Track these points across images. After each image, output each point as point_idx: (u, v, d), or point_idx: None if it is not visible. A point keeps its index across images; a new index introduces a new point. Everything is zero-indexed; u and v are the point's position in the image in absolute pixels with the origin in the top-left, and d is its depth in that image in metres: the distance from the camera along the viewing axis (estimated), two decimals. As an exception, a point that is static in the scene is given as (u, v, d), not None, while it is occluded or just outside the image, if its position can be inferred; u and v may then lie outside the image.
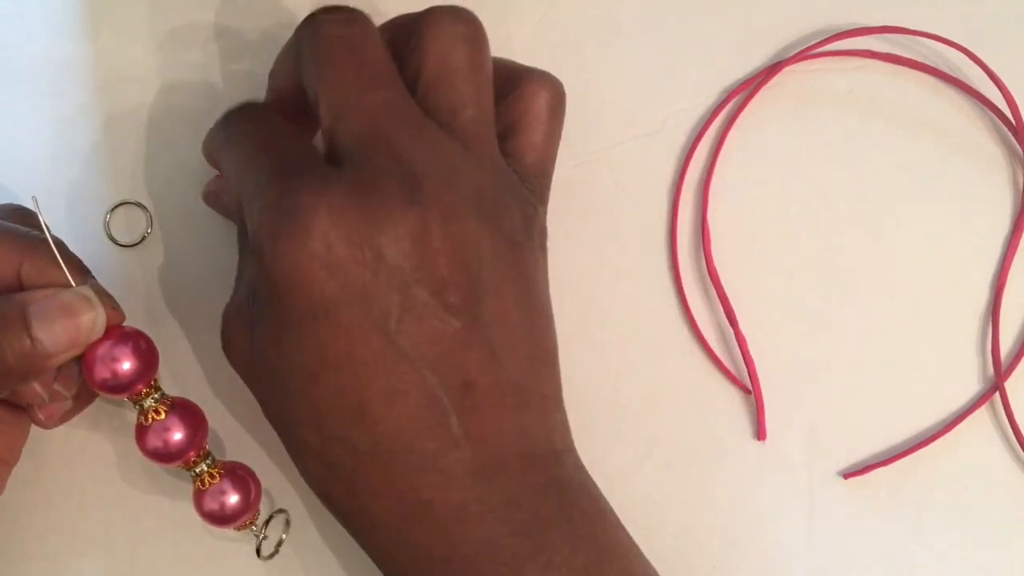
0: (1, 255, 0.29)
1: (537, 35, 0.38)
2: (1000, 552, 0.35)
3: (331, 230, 0.25)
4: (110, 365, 0.29)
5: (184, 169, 0.36)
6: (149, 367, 0.30)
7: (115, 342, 0.29)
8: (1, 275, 0.29)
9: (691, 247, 0.37)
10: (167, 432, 0.30)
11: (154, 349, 0.31)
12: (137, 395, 0.31)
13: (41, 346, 0.27)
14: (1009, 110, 0.37)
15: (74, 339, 0.28)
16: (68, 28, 0.37)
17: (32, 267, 0.29)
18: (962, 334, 0.37)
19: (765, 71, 0.38)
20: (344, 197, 0.25)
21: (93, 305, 0.28)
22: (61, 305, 0.28)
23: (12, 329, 0.27)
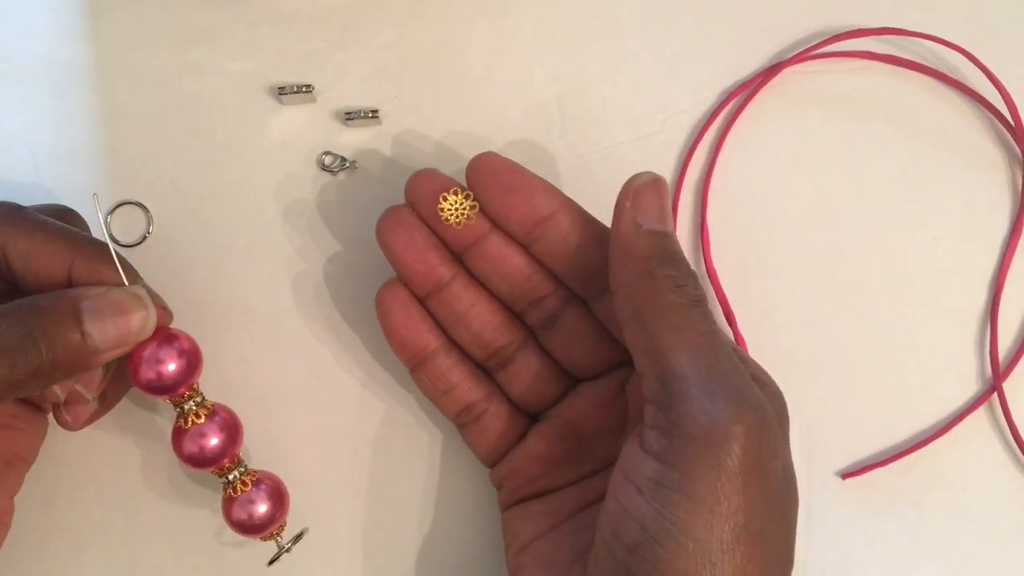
0: (52, 253, 0.29)
1: (538, 35, 0.38)
2: (998, 552, 0.35)
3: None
4: (155, 366, 0.29)
5: (184, 169, 0.36)
6: (193, 370, 0.30)
7: (161, 343, 0.30)
8: (52, 273, 0.29)
9: (691, 247, 0.37)
10: (203, 437, 0.31)
11: (198, 352, 0.31)
12: (179, 397, 0.31)
13: (91, 341, 0.27)
14: (1008, 111, 0.37)
15: (124, 337, 0.28)
16: (69, 29, 0.37)
17: (83, 265, 0.29)
18: (960, 335, 0.37)
19: (765, 72, 0.38)
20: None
21: (145, 304, 0.29)
22: (113, 302, 0.28)
23: (63, 323, 0.27)
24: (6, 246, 0.29)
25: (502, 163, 0.31)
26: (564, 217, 0.31)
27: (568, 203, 0.31)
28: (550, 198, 0.31)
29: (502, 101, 0.37)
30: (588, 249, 0.30)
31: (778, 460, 0.27)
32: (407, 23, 0.38)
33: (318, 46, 0.37)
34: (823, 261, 0.37)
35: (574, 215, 0.31)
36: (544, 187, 0.31)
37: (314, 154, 0.37)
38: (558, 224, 0.30)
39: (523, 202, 0.31)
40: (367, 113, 0.36)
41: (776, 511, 0.27)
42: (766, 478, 0.26)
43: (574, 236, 0.30)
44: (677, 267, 0.28)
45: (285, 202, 0.36)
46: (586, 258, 0.30)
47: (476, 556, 0.35)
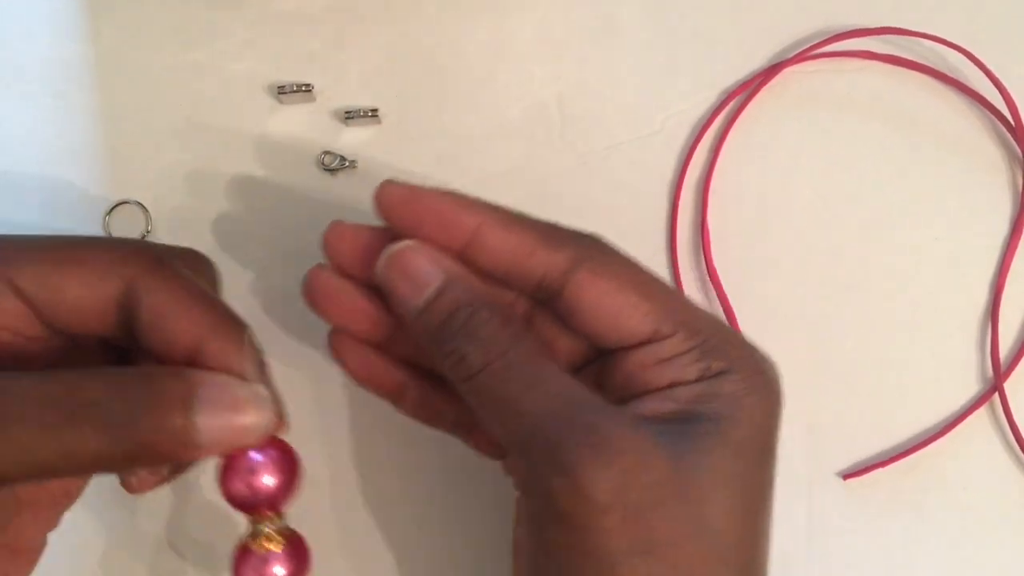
0: (187, 321, 0.26)
1: (538, 34, 0.38)
2: (999, 552, 0.35)
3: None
4: (248, 476, 0.26)
5: (184, 169, 0.36)
6: (289, 492, 0.27)
7: (264, 454, 0.26)
8: (178, 340, 0.26)
9: (691, 247, 0.37)
10: (268, 565, 0.27)
11: (301, 472, 0.27)
12: (261, 516, 0.27)
13: (195, 435, 0.24)
14: (1009, 111, 0.37)
15: (231, 440, 0.25)
16: (69, 28, 0.37)
17: (215, 346, 0.26)
18: (961, 335, 0.37)
19: (765, 72, 0.38)
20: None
21: (263, 409, 0.26)
22: (231, 399, 0.25)
23: (173, 408, 0.24)
24: (140, 298, 0.26)
25: (401, 194, 0.28)
26: (489, 231, 0.27)
27: (490, 213, 0.28)
28: (466, 215, 0.27)
29: (502, 101, 0.37)
30: (522, 256, 0.27)
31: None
32: (407, 23, 0.38)
33: (318, 46, 0.37)
34: (824, 261, 0.37)
35: (499, 224, 0.28)
36: (455, 207, 0.28)
37: (314, 154, 0.37)
38: (484, 240, 0.27)
39: (439, 230, 0.28)
40: (367, 113, 0.36)
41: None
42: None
43: (506, 247, 0.27)
44: (450, 340, 0.26)
45: (285, 201, 0.36)
46: (523, 266, 0.27)
47: (475, 554, 0.35)
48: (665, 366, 0.27)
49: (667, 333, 0.27)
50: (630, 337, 0.27)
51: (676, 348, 0.27)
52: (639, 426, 0.25)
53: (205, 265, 0.30)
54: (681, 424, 0.26)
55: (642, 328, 0.27)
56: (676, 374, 0.27)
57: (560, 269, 0.27)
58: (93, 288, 0.26)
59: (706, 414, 0.26)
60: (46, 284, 0.26)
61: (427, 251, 0.27)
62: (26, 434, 0.23)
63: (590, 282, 0.27)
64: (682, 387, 0.26)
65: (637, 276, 0.28)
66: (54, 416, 0.23)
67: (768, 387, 0.27)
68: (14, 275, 0.26)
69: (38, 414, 0.23)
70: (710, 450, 0.25)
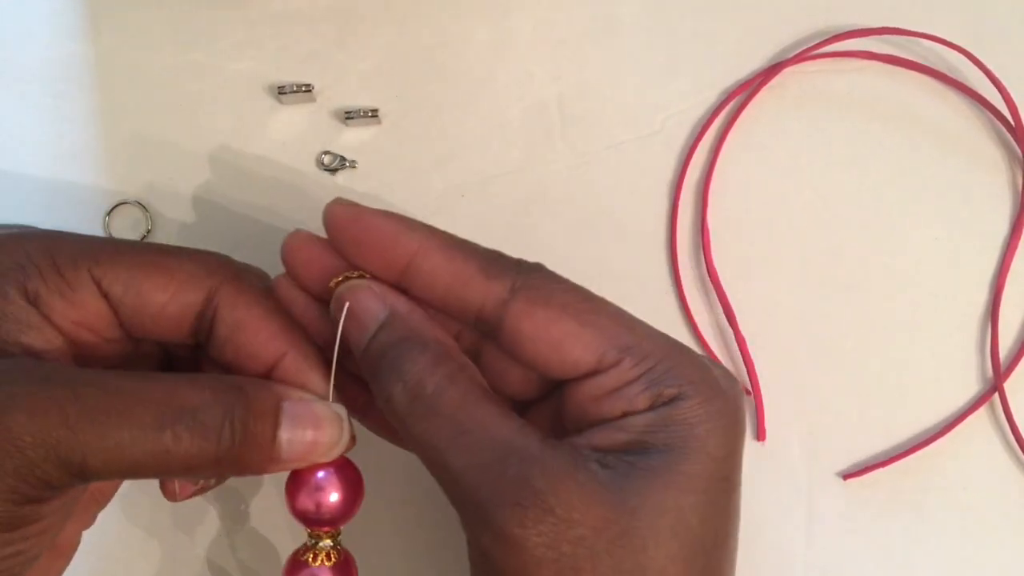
0: (266, 336, 0.27)
1: (538, 35, 0.38)
2: (999, 552, 0.35)
3: None
4: (316, 495, 0.27)
5: (184, 169, 0.36)
6: (351, 509, 0.28)
7: (331, 472, 0.27)
8: (256, 355, 0.27)
9: (691, 247, 0.37)
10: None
11: (362, 490, 0.28)
12: (321, 532, 0.28)
13: (279, 449, 0.25)
14: (1009, 111, 0.37)
15: (309, 453, 0.26)
16: (69, 28, 0.37)
17: (293, 363, 0.27)
18: (961, 335, 0.37)
19: (765, 71, 0.38)
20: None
21: (342, 428, 0.27)
22: (314, 415, 0.26)
23: (263, 420, 0.25)
24: (221, 310, 0.27)
25: (345, 213, 0.27)
26: (427, 257, 0.26)
27: (430, 238, 0.27)
28: (406, 239, 0.27)
29: (502, 101, 0.37)
30: (459, 285, 0.26)
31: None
32: (407, 23, 0.38)
33: (318, 46, 0.37)
34: (824, 261, 0.37)
35: (437, 250, 0.26)
36: (395, 229, 0.27)
37: (314, 154, 0.37)
38: (422, 265, 0.26)
39: (378, 252, 0.27)
40: (367, 113, 0.36)
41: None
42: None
43: (443, 274, 0.26)
44: (380, 380, 0.26)
45: (284, 202, 0.36)
46: (461, 295, 0.26)
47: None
48: (614, 396, 0.26)
49: (612, 361, 0.26)
50: (574, 368, 0.26)
51: (623, 377, 0.26)
52: (578, 469, 0.24)
53: (265, 281, 0.30)
54: (631, 457, 0.25)
55: (585, 358, 0.26)
56: (626, 404, 0.25)
57: (497, 299, 0.26)
58: (177, 297, 0.27)
59: (656, 445, 0.25)
60: (132, 289, 0.26)
61: (374, 288, 0.27)
62: (125, 432, 0.23)
63: (528, 312, 0.26)
64: (632, 417, 0.25)
65: (578, 304, 0.26)
66: (153, 418, 0.24)
67: (727, 411, 0.26)
68: (103, 276, 0.26)
69: (138, 414, 0.24)
70: (657, 487, 0.24)
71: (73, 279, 0.26)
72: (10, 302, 0.25)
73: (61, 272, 0.26)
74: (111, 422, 0.23)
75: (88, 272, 0.26)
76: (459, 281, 0.26)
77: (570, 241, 0.37)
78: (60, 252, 0.26)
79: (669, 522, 0.24)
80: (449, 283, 0.26)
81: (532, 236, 0.37)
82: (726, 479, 0.26)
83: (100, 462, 0.23)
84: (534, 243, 0.36)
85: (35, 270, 0.26)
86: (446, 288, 0.26)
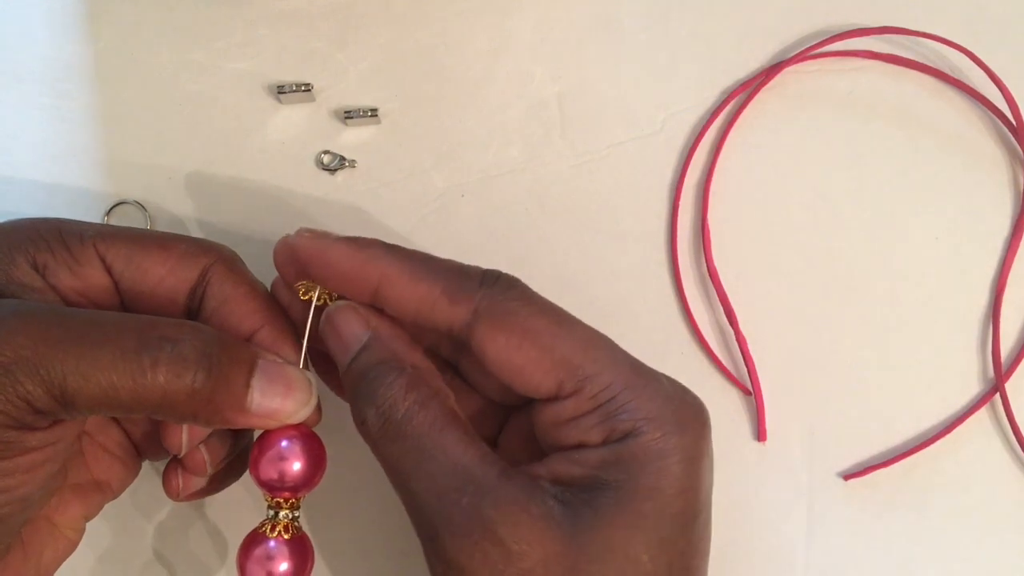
0: (248, 311, 0.29)
1: (538, 35, 0.38)
2: (1000, 553, 0.35)
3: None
4: (279, 463, 0.28)
5: (184, 169, 0.36)
6: (313, 478, 0.29)
7: (296, 439, 0.28)
8: (237, 327, 0.28)
9: (691, 247, 0.37)
10: (273, 561, 0.28)
11: (324, 461, 0.29)
12: (282, 501, 0.29)
13: (249, 400, 0.27)
14: (1009, 110, 0.37)
15: (278, 411, 0.27)
16: (68, 28, 0.37)
17: (269, 335, 0.29)
18: (962, 335, 0.37)
19: (765, 71, 0.38)
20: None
21: (311, 392, 0.28)
22: (286, 376, 0.27)
23: (238, 367, 0.26)
24: (211, 286, 0.29)
25: (308, 248, 0.28)
26: (391, 286, 0.27)
27: (393, 266, 0.27)
28: (368, 269, 0.27)
29: (502, 101, 0.37)
30: (425, 310, 0.27)
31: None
32: (407, 23, 0.38)
33: (318, 45, 0.37)
34: (824, 261, 0.37)
35: (400, 278, 0.27)
36: (355, 262, 0.27)
37: (313, 153, 0.37)
38: (387, 294, 0.27)
39: (343, 286, 0.28)
40: (366, 112, 0.36)
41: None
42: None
43: (409, 300, 0.27)
44: (356, 401, 0.27)
45: (284, 201, 0.36)
46: (428, 319, 0.27)
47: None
48: (571, 425, 0.26)
49: (570, 391, 0.26)
50: (535, 392, 0.27)
51: (579, 408, 0.26)
52: (532, 501, 0.25)
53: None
54: (585, 493, 0.25)
55: (545, 384, 0.26)
56: (582, 435, 0.26)
57: (462, 321, 0.27)
58: (174, 272, 0.28)
59: (609, 482, 0.25)
60: (134, 263, 0.28)
61: (358, 311, 0.28)
62: (105, 352, 0.24)
63: (490, 336, 0.26)
64: (588, 450, 0.26)
65: (541, 324, 0.27)
66: (133, 342, 0.25)
67: (683, 445, 0.26)
68: (107, 251, 0.28)
69: (119, 338, 0.25)
70: (606, 525, 0.24)
71: (79, 253, 0.28)
72: (17, 267, 0.27)
73: (68, 246, 0.28)
74: (91, 342, 0.24)
75: (94, 247, 0.28)
76: (425, 305, 0.27)
77: (570, 241, 0.37)
78: (68, 228, 0.28)
79: (617, 561, 0.24)
80: (416, 308, 0.27)
81: (532, 236, 0.37)
82: (682, 514, 0.26)
83: (79, 382, 0.24)
84: (534, 243, 0.37)
85: (44, 244, 0.28)
86: (415, 312, 0.27)
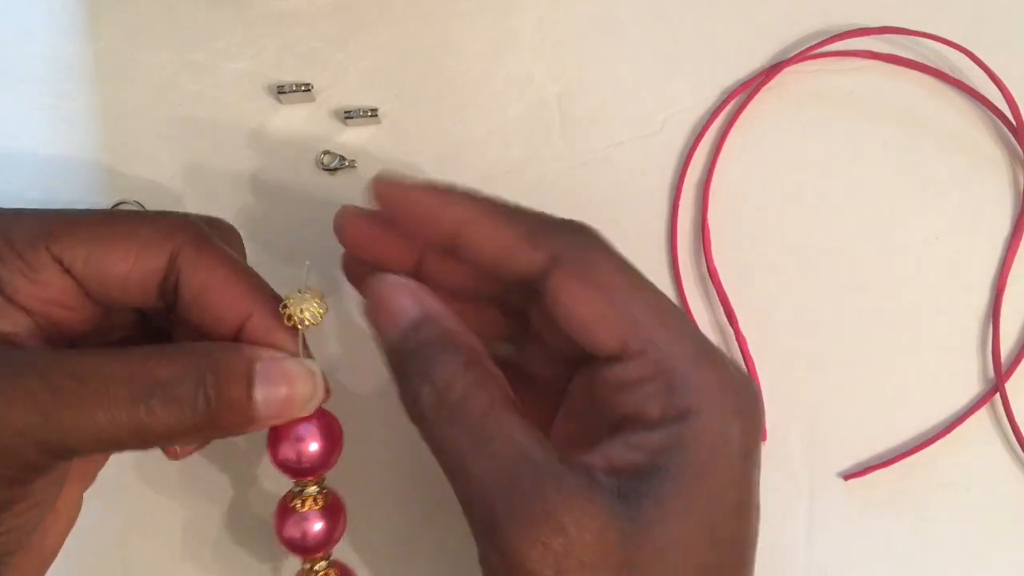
0: (231, 297, 0.27)
1: (538, 34, 0.38)
2: (1000, 553, 0.35)
3: None
4: (297, 444, 0.28)
5: (184, 169, 0.36)
6: (331, 457, 0.29)
7: (311, 421, 0.28)
8: (224, 317, 0.27)
9: (691, 247, 0.37)
10: (308, 522, 0.29)
11: (342, 439, 0.29)
12: (306, 481, 0.29)
13: (255, 409, 0.26)
14: (1009, 110, 0.37)
15: (287, 410, 0.27)
16: (68, 28, 0.37)
17: (261, 323, 0.27)
18: (962, 335, 0.37)
19: (765, 71, 0.38)
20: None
21: (315, 382, 0.27)
22: (287, 373, 0.27)
23: (236, 383, 0.26)
24: (184, 273, 0.27)
25: (389, 192, 0.28)
26: (472, 229, 0.27)
27: (475, 209, 0.27)
28: (451, 211, 0.27)
29: (502, 101, 0.37)
30: (504, 254, 0.27)
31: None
32: (407, 23, 0.38)
33: (318, 45, 0.37)
34: (824, 261, 0.37)
35: (482, 221, 0.27)
36: (439, 203, 0.27)
37: (313, 153, 0.37)
38: (468, 236, 0.27)
39: (425, 225, 0.28)
40: (366, 112, 0.36)
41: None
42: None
43: (489, 244, 0.27)
44: (409, 378, 0.26)
45: (284, 201, 0.36)
46: (505, 264, 0.27)
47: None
48: (629, 391, 0.25)
49: (634, 352, 0.25)
50: (600, 348, 0.26)
51: (640, 372, 0.25)
52: (592, 490, 0.24)
53: (234, 236, 0.31)
54: (642, 481, 0.24)
55: (609, 342, 0.25)
56: (639, 404, 0.25)
57: (540, 267, 0.26)
58: (138, 263, 0.27)
59: (670, 470, 0.24)
60: (93, 262, 0.26)
61: (409, 286, 0.27)
62: (100, 412, 0.24)
63: (564, 286, 0.26)
64: (646, 433, 0.25)
65: (617, 281, 0.26)
66: (127, 395, 0.24)
67: (744, 433, 0.25)
68: (62, 253, 0.26)
69: (111, 393, 0.24)
70: (663, 517, 0.24)
71: (33, 260, 0.26)
72: None
73: (20, 254, 0.26)
74: (86, 404, 0.24)
75: (47, 250, 0.26)
76: (504, 250, 0.26)
77: (570, 241, 0.36)
78: (16, 234, 0.26)
79: (674, 553, 0.24)
80: (495, 251, 0.27)
81: (532, 236, 0.37)
82: (737, 505, 0.25)
83: (79, 442, 0.24)
84: (534, 243, 0.37)
85: None
86: (492, 256, 0.27)
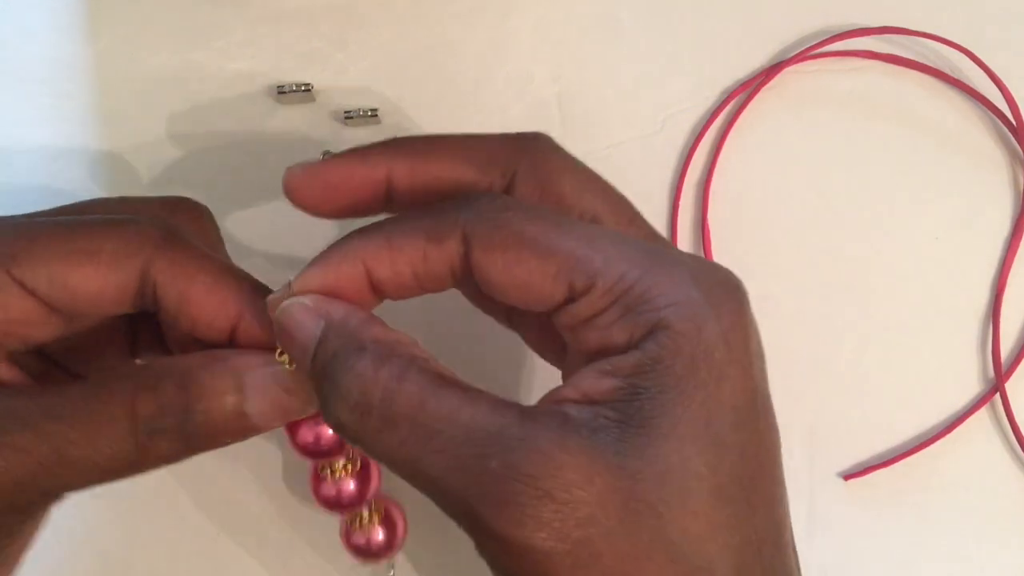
0: (217, 302, 0.25)
1: (538, 35, 0.38)
2: (1000, 553, 0.35)
3: None
4: (315, 428, 0.28)
5: (183, 169, 0.36)
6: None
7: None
8: (211, 323, 0.26)
9: (691, 247, 0.37)
10: (341, 482, 0.30)
11: None
12: (326, 462, 0.30)
13: (251, 420, 0.25)
14: (1009, 110, 0.37)
15: (285, 416, 0.26)
16: (69, 28, 0.37)
17: (252, 325, 0.25)
18: (962, 335, 0.37)
19: (765, 71, 0.38)
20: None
21: (310, 388, 0.25)
22: (279, 379, 0.25)
23: (223, 401, 0.25)
24: (159, 284, 0.25)
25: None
26: (378, 271, 0.25)
27: (368, 250, 0.25)
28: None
29: (502, 101, 0.37)
30: (420, 273, 0.25)
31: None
32: (407, 23, 0.38)
33: (318, 45, 0.37)
34: (824, 261, 0.37)
35: (384, 258, 0.24)
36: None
37: (313, 154, 0.36)
38: (379, 281, 0.25)
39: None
40: (366, 113, 0.36)
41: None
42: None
43: (402, 277, 0.24)
44: (334, 399, 0.23)
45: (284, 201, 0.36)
46: (431, 274, 0.25)
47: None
48: (589, 328, 0.23)
49: (582, 289, 0.23)
50: (548, 303, 0.23)
51: (593, 306, 0.23)
52: (566, 438, 0.21)
53: (205, 216, 0.29)
54: (623, 408, 0.22)
55: (556, 291, 0.23)
56: (603, 338, 0.23)
57: (459, 259, 0.24)
58: (105, 279, 0.25)
59: (650, 389, 0.22)
60: (58, 283, 0.25)
61: (307, 303, 0.24)
62: (95, 456, 0.24)
63: (488, 260, 0.23)
64: (617, 356, 0.22)
65: (539, 231, 0.23)
66: (118, 434, 0.24)
67: (724, 327, 0.22)
68: (21, 274, 0.24)
69: (104, 434, 0.24)
70: (655, 442, 0.21)
71: None
72: None
73: None
74: (81, 450, 0.24)
75: (7, 274, 0.24)
76: (418, 267, 0.24)
77: (570, 241, 0.36)
78: None
79: (675, 480, 0.21)
80: (412, 275, 0.24)
81: (532, 236, 0.37)
82: (735, 409, 0.22)
83: (79, 484, 0.24)
84: (534, 243, 0.37)
85: None
86: (414, 280, 0.25)
